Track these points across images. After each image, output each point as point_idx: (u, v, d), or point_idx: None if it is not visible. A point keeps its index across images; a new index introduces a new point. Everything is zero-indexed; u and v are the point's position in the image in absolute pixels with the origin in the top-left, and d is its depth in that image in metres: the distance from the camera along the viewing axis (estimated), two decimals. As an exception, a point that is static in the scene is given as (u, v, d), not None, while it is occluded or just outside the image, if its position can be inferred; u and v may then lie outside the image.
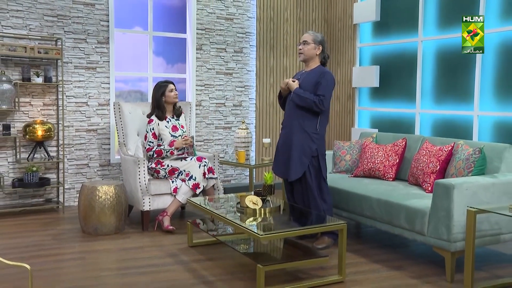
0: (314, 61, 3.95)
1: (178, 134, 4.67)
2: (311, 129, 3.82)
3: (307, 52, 3.92)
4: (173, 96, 4.64)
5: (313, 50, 3.92)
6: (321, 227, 3.31)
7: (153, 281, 3.23)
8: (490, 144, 3.78)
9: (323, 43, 3.96)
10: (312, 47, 3.91)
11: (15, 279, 3.20)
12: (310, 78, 3.86)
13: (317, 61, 3.95)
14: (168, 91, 4.62)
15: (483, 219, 3.29)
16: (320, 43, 3.94)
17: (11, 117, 5.01)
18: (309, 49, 3.91)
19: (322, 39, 3.95)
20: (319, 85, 3.79)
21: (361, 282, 3.25)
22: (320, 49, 3.94)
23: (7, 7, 4.91)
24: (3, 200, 5.02)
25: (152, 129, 4.57)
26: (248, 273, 3.38)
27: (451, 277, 3.26)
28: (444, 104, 5.28)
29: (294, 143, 3.83)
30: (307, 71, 3.95)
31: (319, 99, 3.75)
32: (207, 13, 6.00)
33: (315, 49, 3.92)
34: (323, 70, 3.87)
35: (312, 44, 3.91)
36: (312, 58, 3.94)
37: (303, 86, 3.86)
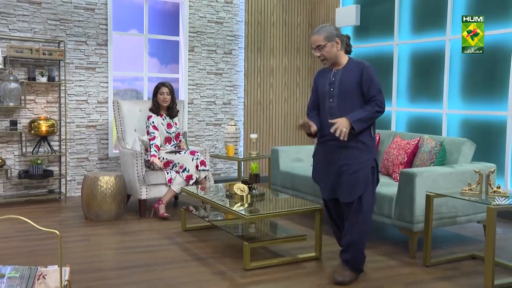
0: (341, 57, 3.25)
1: (172, 131, 5.10)
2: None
3: (329, 56, 3.21)
4: (162, 99, 5.05)
5: (333, 48, 3.19)
6: (298, 210, 3.74)
7: (151, 258, 3.66)
8: (450, 138, 4.26)
9: (337, 33, 3.22)
10: (330, 46, 3.18)
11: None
12: (351, 77, 3.21)
13: (344, 55, 3.28)
14: (159, 93, 5.05)
15: (442, 203, 3.75)
16: (336, 36, 3.20)
17: (18, 113, 5.40)
18: (329, 51, 3.19)
19: (334, 30, 3.22)
20: (365, 83, 3.18)
21: (335, 259, 3.69)
22: (339, 42, 3.20)
23: (14, 12, 5.31)
24: (10, 191, 5.42)
25: (152, 122, 4.99)
26: (236, 252, 3.81)
27: (414, 254, 3.72)
28: (417, 102, 5.76)
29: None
30: (340, 70, 3.26)
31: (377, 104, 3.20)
32: (199, 17, 6.42)
33: (334, 47, 3.20)
34: (361, 65, 3.22)
35: (328, 44, 3.18)
36: (339, 56, 3.24)
37: (344, 88, 3.22)
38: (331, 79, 3.29)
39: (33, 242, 4.00)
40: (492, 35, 4.92)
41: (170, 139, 5.11)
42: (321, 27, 3.24)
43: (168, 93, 5.07)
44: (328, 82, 3.31)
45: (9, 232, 4.27)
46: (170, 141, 5.12)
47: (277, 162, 5.22)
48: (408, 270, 3.49)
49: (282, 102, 7.06)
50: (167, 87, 5.07)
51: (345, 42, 3.28)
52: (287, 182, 5.05)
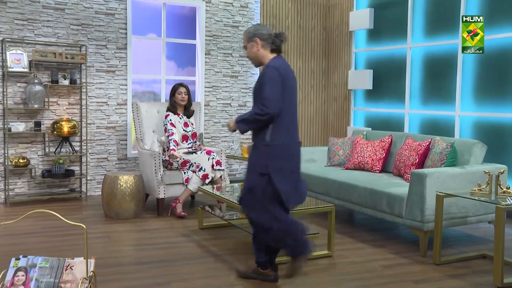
0: (264, 57, 3.21)
1: (188, 129, 5.26)
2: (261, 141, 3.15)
3: (250, 56, 3.25)
4: (179, 98, 5.22)
5: (253, 48, 3.21)
6: (310, 209, 3.85)
7: (169, 254, 3.80)
8: (461, 140, 4.34)
9: (257, 33, 3.20)
10: (250, 46, 3.22)
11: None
12: (258, 81, 3.17)
13: (268, 55, 3.21)
14: (177, 93, 5.22)
15: (452, 203, 3.84)
16: (254, 36, 3.20)
17: (41, 115, 5.61)
18: (249, 52, 3.24)
19: (253, 31, 3.21)
20: (259, 86, 3.11)
21: (347, 257, 3.81)
22: (258, 42, 3.18)
23: (39, 18, 5.52)
24: (34, 189, 5.63)
25: (169, 120, 5.15)
26: (250, 249, 3.94)
27: (424, 252, 3.81)
28: (430, 105, 5.83)
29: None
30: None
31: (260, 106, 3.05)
32: (215, 21, 6.57)
33: (254, 47, 3.20)
34: (265, 67, 3.15)
35: (248, 45, 3.23)
36: (261, 56, 3.21)
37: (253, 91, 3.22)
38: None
39: (57, 238, 4.18)
40: (505, 38, 4.98)
41: (187, 137, 5.26)
42: (248, 28, 3.27)
43: (185, 92, 5.24)
44: None
45: (34, 228, 4.46)
46: (187, 139, 5.26)
47: (291, 162, 5.33)
48: (418, 268, 3.58)
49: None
50: (184, 87, 5.25)
51: (270, 41, 3.20)
52: (301, 182, 5.16)
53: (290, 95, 3.17)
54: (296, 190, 3.20)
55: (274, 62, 3.16)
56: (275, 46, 3.22)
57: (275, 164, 3.10)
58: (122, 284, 3.19)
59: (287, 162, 3.15)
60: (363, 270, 3.52)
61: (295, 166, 3.21)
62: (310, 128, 7.29)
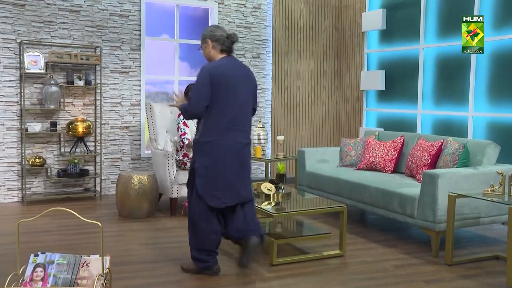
0: (215, 57, 3.41)
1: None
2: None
3: (205, 56, 3.46)
4: None
5: (206, 49, 3.42)
6: (323, 209, 3.87)
7: (182, 253, 3.85)
8: (474, 141, 4.33)
9: (209, 35, 3.39)
10: (204, 48, 3.44)
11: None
12: None
13: (217, 56, 3.40)
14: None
15: (465, 204, 3.84)
16: (206, 38, 3.40)
17: (57, 115, 5.70)
18: (203, 52, 3.46)
19: (205, 32, 3.42)
20: None
21: (359, 256, 3.83)
22: (209, 43, 3.38)
23: (56, 20, 5.62)
24: (50, 188, 5.72)
25: (182, 119, 5.20)
26: (263, 248, 3.97)
27: (436, 253, 3.82)
28: (442, 105, 5.82)
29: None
30: None
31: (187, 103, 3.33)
32: (228, 22, 6.62)
33: (207, 48, 3.41)
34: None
35: (203, 46, 3.44)
36: (212, 56, 3.41)
37: None
38: None
39: (73, 236, 4.25)
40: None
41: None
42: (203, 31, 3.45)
43: None
44: None
45: (50, 226, 4.54)
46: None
47: (303, 163, 5.37)
48: (430, 268, 3.59)
49: (309, 105, 7.20)
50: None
51: (221, 42, 3.37)
52: (312, 182, 5.19)
53: (233, 95, 3.28)
54: (227, 189, 3.29)
55: (214, 62, 3.33)
56: (225, 47, 3.38)
57: (201, 160, 3.29)
58: (136, 282, 3.25)
59: (216, 160, 3.27)
60: (375, 269, 3.54)
61: (228, 165, 3.29)
62: (322, 129, 7.31)
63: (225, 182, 3.30)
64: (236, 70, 3.34)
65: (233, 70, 3.32)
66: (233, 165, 3.31)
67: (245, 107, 3.36)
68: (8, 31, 5.42)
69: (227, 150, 3.29)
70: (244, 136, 3.36)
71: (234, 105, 3.30)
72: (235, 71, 3.33)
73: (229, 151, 3.29)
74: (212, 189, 3.28)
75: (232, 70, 3.31)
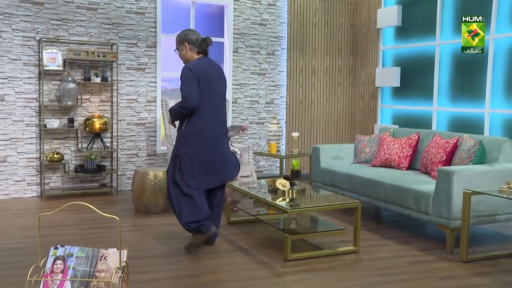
0: (192, 58, 3.79)
1: None
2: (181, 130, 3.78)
3: (181, 57, 3.84)
4: None
5: (183, 51, 3.80)
6: (337, 205, 3.89)
7: (198, 248, 3.90)
8: (490, 137, 4.30)
9: (186, 38, 3.77)
10: (181, 49, 3.81)
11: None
12: None
13: (194, 56, 3.79)
14: None
15: (480, 201, 3.82)
16: (182, 40, 3.78)
17: (74, 111, 5.79)
18: (180, 54, 3.84)
19: (182, 36, 3.79)
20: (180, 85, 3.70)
21: (373, 253, 3.84)
22: (186, 45, 3.76)
23: (73, 18, 5.70)
24: (67, 184, 5.82)
25: None
26: (277, 244, 4.01)
27: (451, 249, 3.81)
28: (458, 102, 5.78)
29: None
30: None
31: (182, 100, 3.64)
32: (243, 19, 6.65)
33: (184, 49, 3.79)
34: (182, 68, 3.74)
35: (179, 47, 3.82)
36: (190, 57, 3.79)
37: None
38: None
39: (90, 230, 4.32)
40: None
41: None
42: (179, 33, 3.81)
43: None
44: None
45: (69, 221, 4.62)
46: None
47: (318, 159, 5.38)
48: (445, 265, 3.58)
49: (324, 101, 7.20)
50: None
51: (197, 45, 3.76)
52: (327, 179, 5.20)
53: (210, 90, 3.71)
54: (206, 173, 3.73)
55: (193, 62, 3.71)
56: (201, 49, 3.79)
57: (185, 150, 3.70)
58: (152, 276, 3.30)
59: (198, 148, 3.70)
60: (389, 266, 3.55)
61: (210, 152, 3.74)
62: (337, 126, 7.30)
63: (208, 167, 3.74)
64: (212, 69, 3.76)
65: (211, 68, 3.75)
66: (215, 151, 3.76)
67: (222, 101, 3.83)
68: (27, 29, 5.51)
69: (208, 139, 3.72)
70: (222, 126, 3.83)
71: (213, 99, 3.73)
72: (212, 70, 3.75)
73: (210, 140, 3.73)
74: (196, 173, 3.70)
75: (210, 69, 3.74)
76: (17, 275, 3.24)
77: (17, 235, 4.17)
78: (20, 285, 3.06)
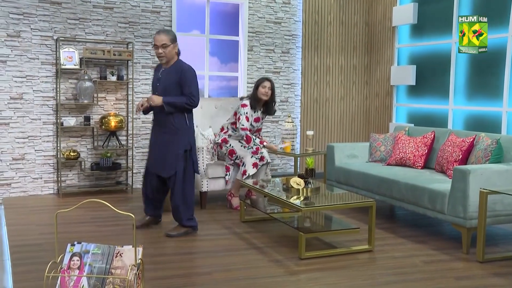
0: (173, 58, 4.06)
1: (256, 125, 5.25)
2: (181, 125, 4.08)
3: (168, 55, 3.99)
4: (263, 92, 5.13)
5: (173, 50, 4.00)
6: (351, 204, 3.88)
7: (211, 246, 3.92)
8: (508, 136, 4.25)
9: (176, 38, 4.04)
10: (172, 47, 3.98)
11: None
12: (171, 77, 4.01)
13: (175, 57, 4.06)
14: (261, 86, 5.17)
15: (497, 201, 3.77)
16: (175, 40, 4.02)
17: (90, 110, 5.85)
18: (170, 51, 3.98)
19: (174, 35, 4.03)
20: (183, 83, 3.97)
21: (387, 252, 3.82)
22: (176, 45, 4.03)
23: (90, 17, 5.76)
24: (83, 181, 5.89)
25: (246, 112, 5.15)
26: (291, 242, 4.01)
27: (467, 249, 3.78)
28: (475, 100, 5.72)
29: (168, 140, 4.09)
30: (167, 69, 4.07)
31: (189, 99, 3.97)
32: (258, 17, 6.65)
33: (174, 48, 4.01)
34: (181, 67, 4.01)
35: (171, 45, 3.97)
36: (173, 57, 4.04)
37: (165, 84, 4.02)
38: (159, 75, 4.11)
39: (106, 227, 4.37)
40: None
41: (251, 131, 5.23)
42: (167, 30, 4.01)
43: (269, 87, 5.14)
44: (157, 77, 4.13)
45: (84, 218, 4.68)
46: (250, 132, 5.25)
47: (333, 158, 5.37)
48: (461, 264, 3.55)
49: (338, 100, 7.17)
50: (270, 81, 5.17)
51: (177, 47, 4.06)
52: (341, 177, 5.19)
53: None
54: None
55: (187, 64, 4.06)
56: (178, 52, 4.10)
57: (194, 141, 4.17)
58: (167, 273, 3.33)
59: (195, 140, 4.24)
60: (404, 265, 3.53)
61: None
62: (352, 124, 7.27)
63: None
64: None
65: None
66: None
67: None
68: (45, 28, 5.58)
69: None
70: None
71: None
72: None
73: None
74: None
75: None
76: (35, 270, 3.29)
77: (35, 231, 4.24)
78: (38, 280, 3.10)
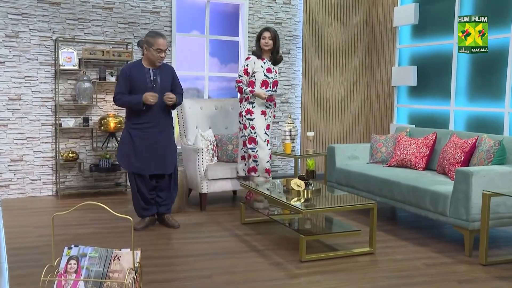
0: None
1: (271, 76, 5.09)
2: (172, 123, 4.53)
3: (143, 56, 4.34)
4: (263, 43, 5.02)
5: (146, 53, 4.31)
6: (352, 206, 3.84)
7: (212, 248, 3.88)
8: (510, 138, 4.20)
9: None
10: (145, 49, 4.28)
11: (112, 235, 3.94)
12: (167, 77, 4.34)
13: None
14: (262, 37, 5.05)
15: (500, 203, 3.73)
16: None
17: (89, 111, 5.81)
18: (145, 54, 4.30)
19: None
20: (176, 82, 4.43)
21: (389, 254, 3.78)
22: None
23: (89, 18, 5.72)
24: (82, 182, 5.85)
25: (246, 65, 5.05)
26: (292, 244, 3.97)
27: (469, 252, 3.73)
28: (477, 101, 5.68)
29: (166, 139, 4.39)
30: (157, 70, 4.29)
31: (181, 97, 4.46)
32: (258, 18, 6.62)
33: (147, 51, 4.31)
34: (169, 66, 4.41)
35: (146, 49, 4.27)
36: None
37: (163, 85, 4.29)
38: (152, 77, 4.26)
39: (104, 230, 4.33)
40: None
41: (268, 84, 5.08)
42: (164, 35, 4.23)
43: (270, 37, 5.01)
44: (149, 79, 4.25)
45: (83, 220, 4.64)
46: (267, 86, 5.08)
47: (333, 159, 5.33)
48: (463, 267, 3.51)
49: (339, 100, 7.13)
50: (270, 31, 5.04)
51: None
52: (342, 179, 5.15)
53: None
54: None
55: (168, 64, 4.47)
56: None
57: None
58: (166, 276, 3.29)
59: None
60: (406, 268, 3.49)
61: None
62: (353, 125, 7.23)
63: None
64: None
65: None
66: None
67: None
68: (44, 29, 5.55)
69: None
70: None
71: None
72: None
73: None
74: None
75: None
76: (32, 274, 3.25)
77: (33, 233, 4.20)
78: (35, 283, 3.07)
